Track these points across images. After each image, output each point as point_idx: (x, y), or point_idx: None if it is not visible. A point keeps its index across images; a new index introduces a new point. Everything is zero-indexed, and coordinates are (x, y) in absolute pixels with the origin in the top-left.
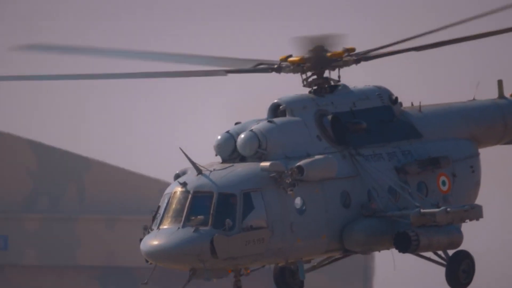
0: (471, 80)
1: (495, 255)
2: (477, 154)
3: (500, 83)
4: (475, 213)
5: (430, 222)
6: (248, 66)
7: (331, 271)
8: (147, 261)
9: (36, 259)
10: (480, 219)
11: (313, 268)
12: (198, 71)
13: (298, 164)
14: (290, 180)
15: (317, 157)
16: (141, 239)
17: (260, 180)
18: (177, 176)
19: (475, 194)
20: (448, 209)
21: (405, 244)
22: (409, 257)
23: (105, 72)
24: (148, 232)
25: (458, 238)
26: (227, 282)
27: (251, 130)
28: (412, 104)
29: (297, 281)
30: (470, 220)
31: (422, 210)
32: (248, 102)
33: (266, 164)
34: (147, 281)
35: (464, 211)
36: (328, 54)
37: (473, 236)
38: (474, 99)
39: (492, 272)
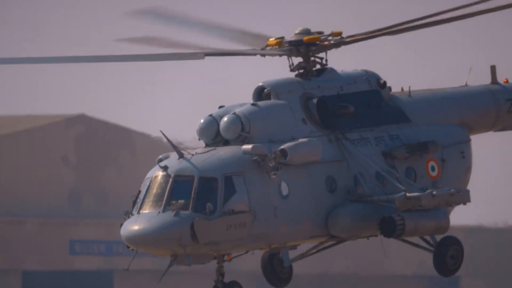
0: (464, 66)
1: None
2: (468, 140)
3: (493, 68)
4: (462, 197)
5: (416, 206)
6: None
7: None
8: (128, 247)
9: None
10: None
11: (302, 256)
12: (174, 54)
13: (281, 147)
14: (273, 163)
15: (301, 140)
16: (121, 224)
17: (242, 164)
18: (159, 161)
19: (465, 180)
20: (434, 193)
21: (390, 229)
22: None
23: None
24: (129, 217)
25: (445, 223)
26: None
27: (234, 113)
28: (402, 89)
29: (286, 269)
30: (457, 204)
31: (407, 194)
32: (235, 86)
33: (248, 147)
34: (128, 267)
35: (450, 195)
36: (305, 38)
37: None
38: (466, 84)
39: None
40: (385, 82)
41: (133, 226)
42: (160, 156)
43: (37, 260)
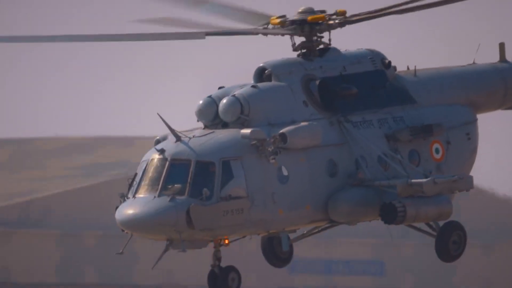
0: (472, 43)
1: None
2: (475, 120)
3: (502, 46)
4: (465, 183)
5: (418, 192)
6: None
7: None
8: (122, 231)
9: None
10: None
11: (302, 236)
12: (175, 34)
13: (281, 131)
14: (272, 148)
15: (301, 124)
16: (116, 207)
17: (240, 148)
18: (157, 142)
19: (471, 162)
20: (436, 180)
21: (391, 215)
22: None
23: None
24: (124, 200)
25: (447, 209)
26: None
27: (233, 95)
28: (408, 68)
29: (286, 250)
30: (460, 191)
31: (409, 180)
32: (236, 66)
33: (246, 131)
34: (122, 250)
35: (453, 182)
36: (309, 17)
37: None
38: (474, 62)
39: None
40: (390, 62)
41: (128, 210)
42: (157, 137)
43: None
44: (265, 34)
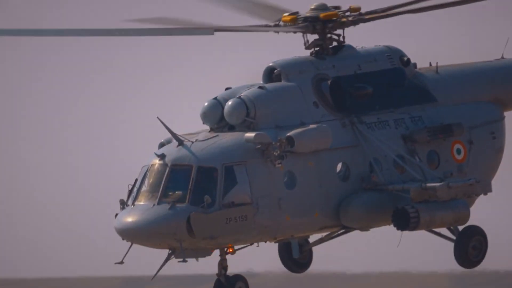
0: (501, 38)
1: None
2: (501, 119)
3: None
4: (483, 187)
5: (433, 197)
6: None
7: None
8: (123, 239)
9: None
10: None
11: (321, 241)
12: (183, 29)
13: (288, 134)
14: (278, 152)
15: (310, 126)
16: (116, 215)
17: (244, 153)
18: (161, 145)
19: (496, 162)
20: (451, 184)
21: (404, 221)
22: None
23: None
24: (124, 208)
25: (464, 214)
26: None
27: (239, 97)
28: (430, 65)
29: (305, 254)
30: (477, 195)
31: (423, 184)
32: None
33: (250, 135)
34: (122, 260)
35: (469, 185)
36: (322, 14)
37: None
38: (502, 57)
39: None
40: (408, 59)
41: (127, 218)
42: (162, 140)
43: None
44: (277, 31)
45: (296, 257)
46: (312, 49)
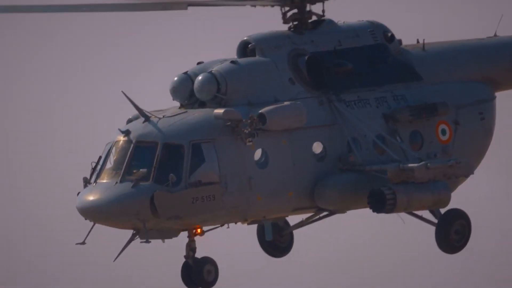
0: (494, 14)
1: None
2: (492, 99)
3: None
4: (463, 169)
5: (411, 178)
6: None
7: None
8: (85, 219)
9: None
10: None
11: (301, 224)
12: (155, 4)
13: (259, 111)
14: (249, 129)
15: (283, 103)
16: (78, 193)
17: (213, 130)
18: (129, 121)
19: (484, 144)
20: (429, 164)
21: (379, 203)
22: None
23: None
24: (86, 186)
25: (445, 196)
26: None
27: (210, 72)
28: (417, 41)
29: (286, 237)
30: (457, 177)
31: (400, 165)
32: (219, 40)
33: (219, 111)
34: (84, 240)
35: (449, 167)
36: None
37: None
38: (495, 35)
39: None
40: (392, 35)
41: (88, 196)
42: (130, 117)
43: None
44: (254, 5)
45: (269, 240)
46: (290, 24)
